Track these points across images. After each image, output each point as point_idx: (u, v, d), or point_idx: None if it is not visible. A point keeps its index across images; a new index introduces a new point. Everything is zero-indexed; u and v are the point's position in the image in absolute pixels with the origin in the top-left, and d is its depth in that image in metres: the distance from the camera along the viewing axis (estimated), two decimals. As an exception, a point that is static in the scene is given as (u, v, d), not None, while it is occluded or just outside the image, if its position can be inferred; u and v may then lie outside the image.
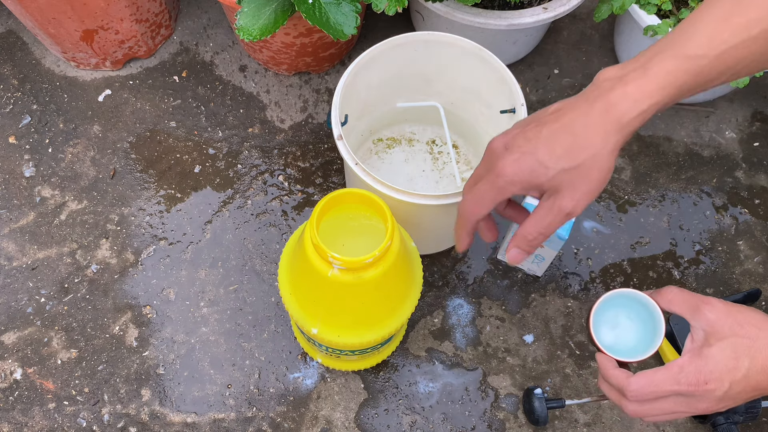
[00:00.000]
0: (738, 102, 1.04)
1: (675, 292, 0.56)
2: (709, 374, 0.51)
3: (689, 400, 0.52)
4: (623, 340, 0.61)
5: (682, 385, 0.52)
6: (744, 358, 0.51)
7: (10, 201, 0.96)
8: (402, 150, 0.94)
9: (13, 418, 0.84)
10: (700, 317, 0.53)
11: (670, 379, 0.52)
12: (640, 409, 0.54)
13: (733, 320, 0.52)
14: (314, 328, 0.70)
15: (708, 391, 0.51)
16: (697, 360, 0.52)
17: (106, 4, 0.92)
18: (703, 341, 0.53)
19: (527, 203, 0.80)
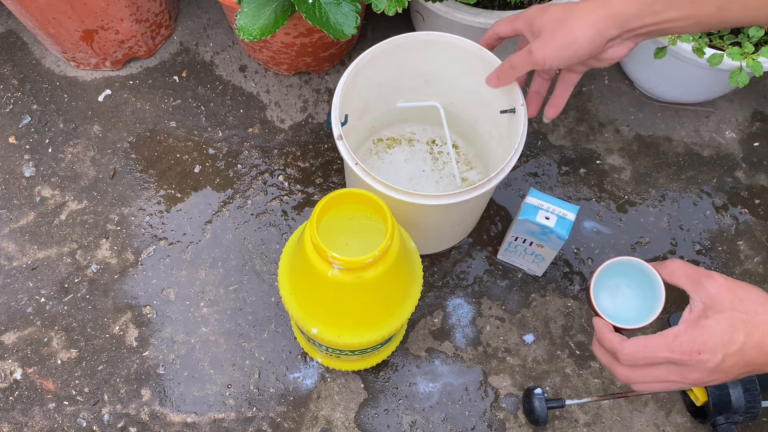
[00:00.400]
0: (738, 102, 1.04)
1: (678, 264, 0.57)
2: (703, 344, 0.51)
3: (681, 369, 0.52)
4: (622, 307, 0.62)
5: (675, 353, 0.52)
6: (740, 332, 0.51)
7: (10, 201, 0.96)
8: (402, 150, 0.94)
9: (13, 418, 0.84)
10: (701, 290, 0.54)
11: (664, 345, 0.52)
12: (632, 374, 0.55)
13: (734, 295, 0.52)
14: (314, 328, 0.70)
15: (700, 361, 0.51)
16: (692, 329, 0.52)
17: (106, 4, 0.92)
18: (700, 312, 0.53)
19: (527, 203, 0.80)
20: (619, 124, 1.02)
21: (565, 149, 1.00)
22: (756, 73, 0.83)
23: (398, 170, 0.93)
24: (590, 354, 0.88)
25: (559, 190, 0.97)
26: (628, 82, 1.05)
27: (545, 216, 0.79)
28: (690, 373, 0.52)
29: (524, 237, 0.84)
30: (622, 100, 1.03)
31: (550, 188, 0.97)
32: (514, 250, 0.89)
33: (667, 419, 0.85)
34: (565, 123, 1.02)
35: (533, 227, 0.80)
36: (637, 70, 1.01)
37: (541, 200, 0.80)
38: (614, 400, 0.85)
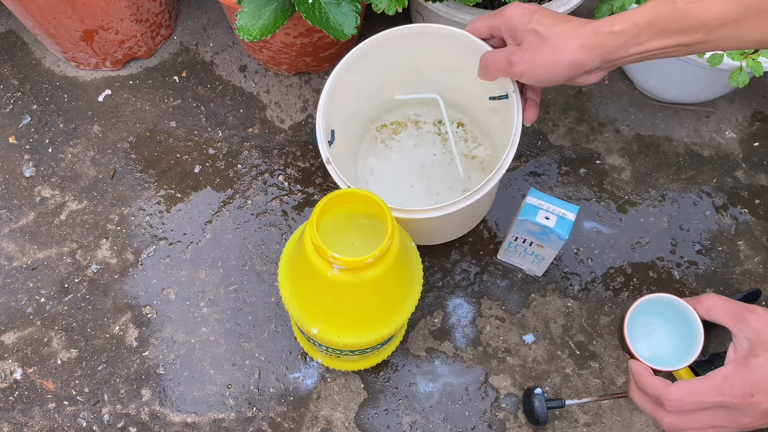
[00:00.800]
0: (738, 102, 1.04)
1: (715, 299, 0.54)
2: (756, 386, 0.48)
3: (731, 414, 0.49)
4: (658, 348, 0.58)
5: (726, 396, 0.49)
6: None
7: (10, 201, 0.96)
8: (409, 134, 0.92)
9: (13, 418, 0.84)
10: (744, 326, 0.51)
11: (713, 389, 0.49)
12: (677, 421, 0.51)
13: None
14: (314, 328, 0.70)
15: (753, 404, 0.48)
16: (742, 370, 0.49)
17: (106, 4, 0.92)
18: (747, 351, 0.50)
19: (527, 203, 0.80)
20: (619, 124, 1.02)
21: (565, 149, 1.00)
22: (756, 73, 0.83)
23: (409, 158, 0.91)
24: (590, 354, 0.88)
25: (559, 190, 0.97)
26: (628, 82, 1.05)
27: (545, 216, 0.79)
28: (742, 418, 0.49)
29: (524, 237, 0.84)
30: (622, 100, 1.03)
31: (550, 188, 0.97)
32: (514, 250, 0.89)
33: (667, 419, 0.85)
34: (565, 123, 1.02)
35: (533, 227, 0.80)
36: (637, 70, 1.01)
37: (541, 200, 0.80)
38: (614, 400, 0.85)
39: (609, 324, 0.90)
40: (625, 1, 0.87)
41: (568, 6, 0.89)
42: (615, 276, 0.92)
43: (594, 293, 0.91)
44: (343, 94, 0.79)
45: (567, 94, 1.04)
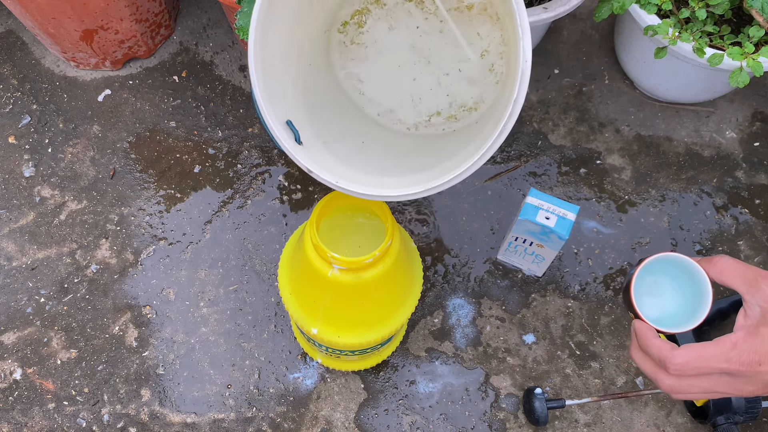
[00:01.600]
0: (738, 102, 1.04)
1: (729, 262, 0.51)
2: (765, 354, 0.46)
3: (736, 381, 0.48)
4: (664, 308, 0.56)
5: (733, 364, 0.47)
6: None
7: (9, 201, 0.96)
8: (377, 18, 0.69)
9: (13, 418, 0.84)
10: (757, 292, 0.48)
11: (720, 355, 0.47)
12: (678, 384, 0.50)
13: None
14: (314, 328, 0.70)
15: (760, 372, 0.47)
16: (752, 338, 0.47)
17: (106, 4, 0.92)
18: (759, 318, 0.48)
19: (527, 203, 0.80)
20: (619, 124, 1.02)
21: (565, 149, 1.00)
22: (756, 73, 0.83)
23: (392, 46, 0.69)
24: (590, 354, 0.88)
25: (559, 190, 0.97)
26: (628, 82, 1.05)
27: (545, 216, 0.79)
28: (746, 386, 0.48)
29: (524, 237, 0.84)
30: (622, 100, 1.03)
31: (550, 188, 0.97)
32: (514, 250, 0.88)
33: (667, 419, 0.85)
34: (565, 123, 1.02)
35: (533, 227, 0.80)
36: (637, 70, 1.01)
37: (541, 200, 0.80)
38: (614, 400, 0.85)
39: (609, 324, 0.89)
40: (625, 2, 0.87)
41: (568, 6, 0.89)
42: (615, 276, 0.92)
43: (594, 293, 0.91)
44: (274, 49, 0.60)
45: (567, 94, 1.04)
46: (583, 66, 1.06)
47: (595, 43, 1.08)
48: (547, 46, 1.07)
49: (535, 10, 0.89)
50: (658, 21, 0.88)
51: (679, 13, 0.88)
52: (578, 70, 1.06)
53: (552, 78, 1.05)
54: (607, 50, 1.07)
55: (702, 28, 0.87)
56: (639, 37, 0.93)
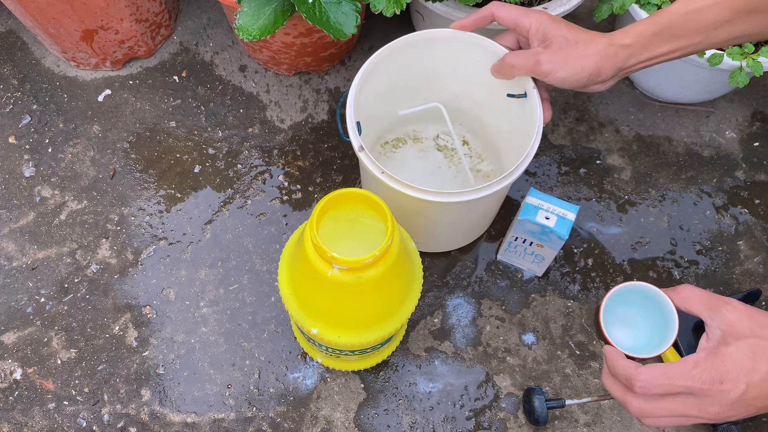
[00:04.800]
0: (738, 102, 1.04)
1: (691, 290, 0.54)
2: (726, 373, 0.48)
3: (700, 402, 0.49)
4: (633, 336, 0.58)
5: (696, 382, 0.48)
6: (762, 361, 0.48)
7: (10, 201, 0.96)
8: (410, 147, 0.95)
9: (13, 418, 0.84)
10: (718, 316, 0.51)
11: (683, 373, 0.49)
12: (646, 406, 0.51)
13: (754, 322, 0.50)
14: (314, 328, 0.70)
15: (722, 391, 0.48)
16: (713, 358, 0.49)
17: (106, 4, 0.92)
18: (720, 340, 0.50)
19: (527, 203, 0.80)
20: (619, 124, 1.02)
21: (565, 149, 1.00)
22: (756, 73, 0.83)
23: (413, 169, 0.93)
24: (590, 354, 0.88)
25: (559, 190, 0.97)
26: (628, 82, 1.05)
27: (545, 216, 0.79)
28: (710, 406, 0.49)
29: (524, 237, 0.84)
30: (622, 100, 1.03)
31: (550, 188, 0.97)
32: (514, 250, 0.89)
33: (667, 419, 0.85)
34: (565, 123, 1.02)
35: (533, 227, 0.80)
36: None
37: (541, 200, 0.80)
38: (614, 400, 0.85)
39: (609, 324, 0.90)
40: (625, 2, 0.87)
41: (568, 6, 0.89)
42: (615, 276, 0.92)
43: (594, 293, 0.91)
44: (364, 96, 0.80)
45: (567, 94, 1.04)
46: (583, 66, 1.06)
47: (595, 43, 1.08)
48: (547, 46, 1.07)
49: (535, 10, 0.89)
50: (658, 21, 0.88)
51: (678, 13, 0.88)
52: (578, 70, 1.06)
53: (552, 78, 1.05)
54: (607, 50, 1.07)
55: (702, 28, 0.87)
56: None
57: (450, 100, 0.88)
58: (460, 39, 0.79)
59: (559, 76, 0.68)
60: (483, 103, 0.87)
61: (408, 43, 0.79)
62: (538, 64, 0.69)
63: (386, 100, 0.86)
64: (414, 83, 0.86)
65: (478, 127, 0.92)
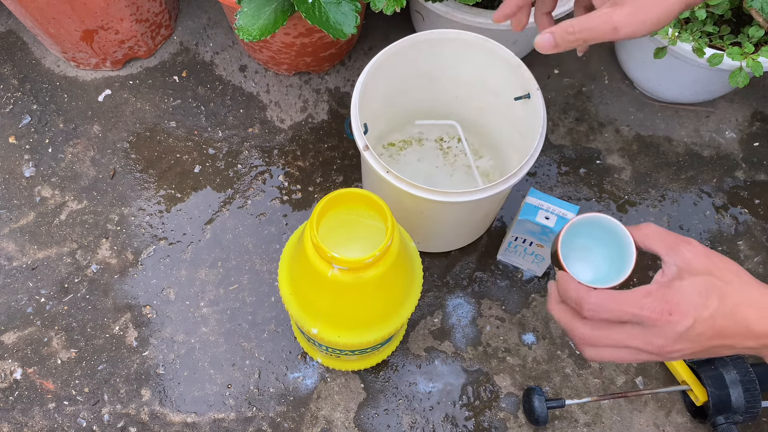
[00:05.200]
0: (738, 102, 1.04)
1: (653, 228, 0.53)
2: (676, 305, 0.48)
3: (646, 332, 0.48)
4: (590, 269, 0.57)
5: (645, 310, 0.48)
6: (714, 298, 0.48)
7: (10, 201, 0.96)
8: (414, 150, 0.95)
9: (13, 418, 0.84)
10: (676, 254, 0.50)
11: (634, 301, 0.48)
12: (591, 333, 0.51)
13: (710, 262, 0.50)
14: (314, 328, 0.70)
15: (670, 323, 0.48)
16: (665, 290, 0.49)
17: (106, 4, 0.92)
18: (674, 275, 0.50)
19: (527, 203, 0.80)
20: (619, 124, 1.02)
21: (565, 149, 1.00)
22: (756, 73, 0.83)
23: (414, 169, 0.94)
24: (590, 354, 0.88)
25: (559, 190, 0.97)
26: (628, 82, 1.05)
27: (545, 216, 0.79)
28: (655, 338, 0.48)
29: (524, 237, 0.84)
30: (622, 100, 1.03)
31: (550, 188, 0.97)
32: (514, 250, 0.89)
33: (667, 419, 0.85)
34: (565, 123, 1.02)
35: (533, 227, 0.80)
36: (637, 70, 1.01)
37: (541, 200, 0.80)
38: (614, 400, 0.85)
39: (609, 324, 0.90)
40: (625, 1, 0.87)
41: (568, 6, 0.89)
42: (615, 276, 0.92)
43: (594, 293, 0.91)
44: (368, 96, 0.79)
45: (567, 94, 1.04)
46: (583, 66, 1.06)
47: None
48: (547, 46, 1.07)
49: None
50: (658, 21, 0.88)
51: (678, 13, 0.88)
52: (578, 70, 1.06)
53: (552, 78, 1.05)
54: (607, 50, 1.07)
55: (702, 28, 0.87)
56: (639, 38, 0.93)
57: (451, 99, 0.89)
58: (463, 40, 0.79)
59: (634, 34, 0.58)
60: (484, 103, 0.87)
61: (411, 43, 0.79)
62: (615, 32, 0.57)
63: (387, 100, 0.87)
64: (418, 84, 0.87)
65: (476, 125, 0.92)
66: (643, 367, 0.87)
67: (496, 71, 0.80)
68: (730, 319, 0.48)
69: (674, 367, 0.83)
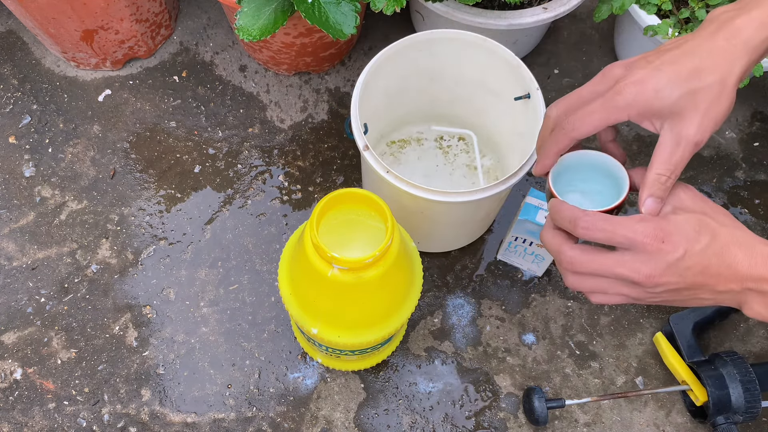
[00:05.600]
0: (738, 102, 1.04)
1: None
2: (668, 235, 0.47)
3: (635, 258, 0.48)
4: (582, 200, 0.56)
5: (638, 235, 0.47)
6: (706, 234, 0.48)
7: (10, 201, 0.96)
8: (413, 149, 0.95)
9: (13, 418, 0.84)
10: (672, 194, 0.51)
11: (627, 225, 0.48)
12: (579, 257, 0.50)
13: (705, 204, 0.50)
14: (314, 328, 0.70)
15: (661, 251, 0.47)
16: (660, 220, 0.49)
17: (106, 4, 0.92)
18: (669, 211, 0.50)
19: (527, 203, 0.80)
20: (619, 124, 1.02)
21: (565, 149, 1.00)
22: (756, 73, 0.83)
23: (413, 169, 0.94)
24: (590, 354, 0.88)
25: (559, 190, 0.97)
26: (628, 82, 1.04)
27: (545, 216, 0.79)
28: (644, 265, 0.48)
29: (524, 237, 0.84)
30: (622, 100, 1.03)
31: (550, 188, 0.97)
32: (514, 250, 0.89)
33: (667, 419, 0.85)
34: (565, 123, 1.02)
35: (533, 227, 0.80)
36: (637, 70, 1.01)
37: (541, 200, 0.80)
38: (614, 400, 0.85)
39: (609, 324, 0.90)
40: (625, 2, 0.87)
41: (568, 6, 0.89)
42: (615, 276, 0.92)
43: (594, 293, 0.91)
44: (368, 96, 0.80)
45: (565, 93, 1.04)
46: (583, 66, 1.06)
47: (595, 43, 1.08)
48: (547, 46, 1.07)
49: (535, 10, 0.89)
50: (658, 21, 0.88)
51: (679, 13, 0.88)
52: (578, 70, 1.06)
53: (552, 78, 1.05)
54: (607, 50, 1.07)
55: (702, 28, 0.86)
56: (639, 38, 0.93)
57: (451, 98, 0.89)
58: (463, 40, 0.79)
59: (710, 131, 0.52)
60: (484, 103, 0.87)
61: (410, 43, 0.79)
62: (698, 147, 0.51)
63: (387, 100, 0.87)
64: (418, 83, 0.87)
65: (477, 124, 0.92)
66: (643, 367, 0.87)
67: (496, 71, 0.80)
68: (719, 257, 0.48)
69: (674, 366, 0.83)
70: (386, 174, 0.72)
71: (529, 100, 0.77)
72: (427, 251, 0.92)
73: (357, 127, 0.74)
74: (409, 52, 0.80)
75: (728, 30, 0.50)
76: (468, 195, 0.71)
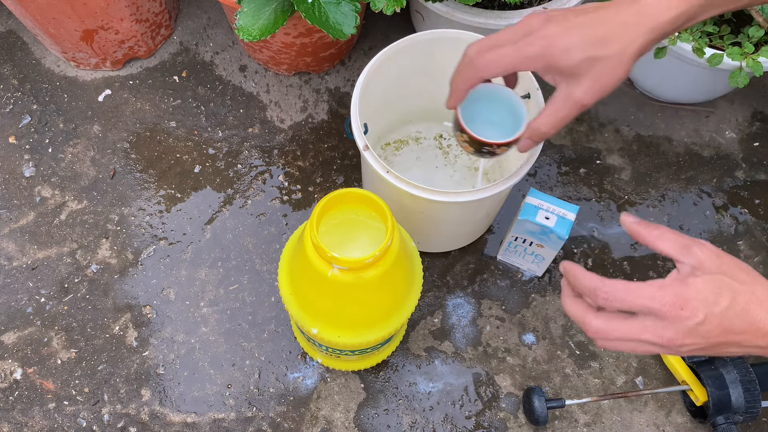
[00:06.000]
0: (738, 102, 1.04)
1: (665, 230, 0.54)
2: (687, 301, 0.49)
3: (657, 324, 0.49)
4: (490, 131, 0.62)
5: (656, 302, 0.49)
6: (726, 296, 0.49)
7: (10, 201, 0.96)
8: (411, 149, 0.95)
9: (13, 418, 0.84)
10: (689, 254, 0.51)
11: (647, 292, 0.49)
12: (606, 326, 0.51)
13: (722, 261, 0.51)
14: (314, 328, 0.70)
15: (681, 317, 0.48)
16: (678, 284, 0.50)
17: (106, 4, 0.92)
18: (688, 273, 0.51)
19: (527, 203, 0.80)
20: (619, 124, 1.02)
21: (565, 149, 1.00)
22: (756, 73, 0.83)
23: (414, 170, 0.94)
24: (590, 354, 0.88)
25: (559, 190, 0.97)
26: (628, 82, 1.05)
27: (545, 216, 0.79)
28: (666, 331, 0.49)
29: (524, 237, 0.84)
30: (622, 100, 1.03)
31: (550, 188, 0.97)
32: (514, 250, 0.89)
33: (667, 419, 0.85)
34: (565, 123, 1.02)
35: (533, 227, 0.80)
36: (637, 70, 1.01)
37: (541, 200, 0.80)
38: (614, 400, 0.85)
39: (609, 324, 0.90)
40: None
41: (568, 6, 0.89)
42: (615, 276, 0.92)
43: (594, 293, 0.91)
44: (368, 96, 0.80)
45: (567, 94, 1.04)
46: (583, 66, 1.06)
47: (595, 43, 1.08)
48: (547, 46, 1.07)
49: (535, 10, 0.89)
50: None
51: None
52: (578, 70, 1.06)
53: (552, 78, 1.05)
54: (607, 50, 1.07)
55: (702, 28, 0.87)
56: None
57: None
58: (463, 40, 0.79)
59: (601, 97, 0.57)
60: None
61: (410, 43, 0.79)
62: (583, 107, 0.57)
63: (387, 100, 0.87)
64: (417, 83, 0.87)
65: None
66: (643, 367, 0.87)
67: None
68: (741, 317, 0.49)
69: (674, 366, 0.83)
70: (386, 174, 0.72)
71: (529, 100, 0.77)
72: (427, 251, 0.92)
73: (357, 127, 0.74)
74: (409, 52, 0.80)
75: (640, 5, 0.53)
76: (468, 195, 0.71)
